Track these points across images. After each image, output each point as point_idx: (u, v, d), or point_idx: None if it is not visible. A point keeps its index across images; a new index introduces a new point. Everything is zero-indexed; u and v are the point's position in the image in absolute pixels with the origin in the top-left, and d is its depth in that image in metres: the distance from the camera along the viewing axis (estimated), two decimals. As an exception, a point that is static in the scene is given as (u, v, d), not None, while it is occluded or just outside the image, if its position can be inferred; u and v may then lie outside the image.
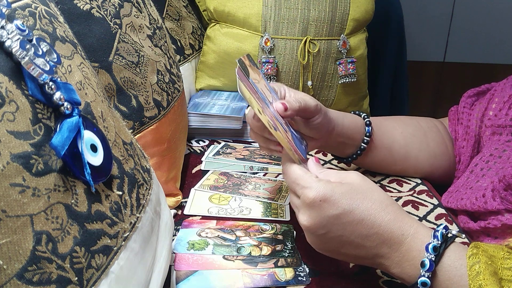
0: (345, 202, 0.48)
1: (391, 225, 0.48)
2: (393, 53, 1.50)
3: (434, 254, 0.46)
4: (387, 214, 0.48)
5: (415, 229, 0.48)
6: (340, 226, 0.49)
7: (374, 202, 0.49)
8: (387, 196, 0.50)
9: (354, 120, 0.73)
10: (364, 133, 0.73)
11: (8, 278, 0.30)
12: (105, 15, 0.61)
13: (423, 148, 0.78)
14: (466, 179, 0.70)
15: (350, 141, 0.73)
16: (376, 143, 0.75)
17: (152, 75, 0.68)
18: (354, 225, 0.48)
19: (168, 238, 0.52)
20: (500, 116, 0.70)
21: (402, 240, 0.48)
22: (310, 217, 0.49)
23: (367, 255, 0.50)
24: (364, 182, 0.51)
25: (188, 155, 0.90)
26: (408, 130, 0.78)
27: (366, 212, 0.48)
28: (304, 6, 1.05)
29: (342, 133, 0.70)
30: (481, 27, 2.10)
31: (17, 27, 0.35)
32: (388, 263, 0.49)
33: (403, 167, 0.80)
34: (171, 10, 1.05)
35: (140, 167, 0.49)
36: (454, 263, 0.47)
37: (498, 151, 0.67)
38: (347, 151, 0.75)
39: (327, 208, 0.48)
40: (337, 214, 0.48)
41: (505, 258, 0.46)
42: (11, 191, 0.31)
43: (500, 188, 0.60)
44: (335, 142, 0.71)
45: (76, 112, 0.37)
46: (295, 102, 0.58)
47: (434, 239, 0.47)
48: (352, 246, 0.50)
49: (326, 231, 0.49)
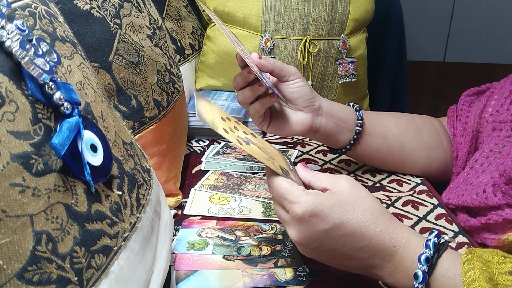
0: (335, 216, 0.47)
1: (382, 237, 0.48)
2: (393, 53, 1.50)
3: (427, 265, 0.46)
4: (377, 226, 0.48)
5: (406, 240, 0.48)
6: (331, 240, 0.48)
7: (365, 214, 0.48)
8: (378, 205, 0.50)
9: (343, 106, 0.76)
10: (356, 118, 0.75)
11: (8, 278, 0.30)
12: (105, 15, 0.61)
13: (417, 140, 0.78)
14: (466, 175, 0.70)
15: (344, 124, 0.74)
16: (369, 130, 0.76)
17: (152, 75, 0.68)
18: (345, 238, 0.48)
19: (168, 238, 0.52)
20: (501, 112, 0.70)
21: (394, 252, 0.48)
22: (300, 232, 0.49)
23: (359, 266, 0.50)
24: (354, 191, 0.50)
25: (188, 155, 0.90)
26: (401, 123, 0.79)
27: (356, 224, 0.47)
28: (304, 6, 1.05)
29: (332, 113, 0.73)
30: (481, 27, 2.10)
31: (17, 27, 0.35)
32: (381, 273, 0.49)
33: (400, 159, 0.79)
34: (171, 10, 1.05)
35: (140, 167, 0.49)
36: (447, 273, 0.46)
37: (498, 147, 0.67)
38: (343, 137, 0.75)
39: (316, 223, 0.47)
40: (327, 228, 0.47)
41: (500, 263, 0.46)
42: (11, 191, 0.31)
43: (501, 183, 0.60)
44: (329, 122, 0.73)
45: (76, 112, 0.37)
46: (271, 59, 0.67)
47: (427, 249, 0.47)
48: (345, 258, 0.49)
49: (318, 245, 0.49)
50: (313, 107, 0.71)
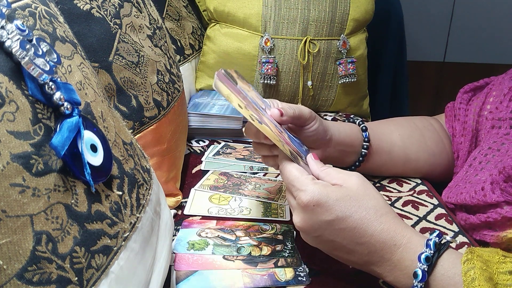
0: (338, 209, 0.48)
1: (384, 235, 0.48)
2: (393, 53, 1.50)
3: (426, 265, 0.46)
4: (380, 224, 0.48)
5: (408, 239, 0.48)
6: (332, 232, 0.49)
7: (369, 211, 0.49)
8: (383, 204, 0.50)
9: (350, 127, 0.73)
10: (362, 139, 0.73)
11: (8, 278, 0.30)
12: (105, 15, 0.61)
13: (421, 148, 0.78)
14: (465, 173, 0.70)
15: (350, 148, 0.73)
16: (375, 148, 0.75)
17: (152, 75, 0.68)
18: (346, 232, 0.48)
19: (168, 238, 0.52)
20: (501, 109, 0.70)
21: (394, 250, 0.48)
22: (303, 219, 0.50)
23: (358, 261, 0.50)
24: (363, 187, 0.50)
25: (188, 155, 0.90)
26: (405, 131, 0.78)
27: (359, 220, 0.48)
28: (304, 6, 1.05)
29: (340, 141, 0.70)
30: (481, 27, 2.10)
31: (17, 27, 0.35)
32: (380, 270, 0.49)
33: (404, 169, 0.80)
34: (171, 10, 1.05)
35: (140, 167, 0.49)
36: (447, 272, 0.46)
37: (497, 144, 0.67)
38: (349, 159, 0.74)
39: (320, 212, 0.49)
40: (330, 220, 0.48)
41: (500, 262, 0.46)
42: (11, 191, 0.31)
43: (500, 180, 0.60)
44: (335, 151, 0.71)
45: (76, 112, 0.37)
46: (289, 108, 0.60)
47: (427, 249, 0.47)
48: (344, 250, 0.50)
49: (318, 235, 0.50)
50: (324, 141, 0.68)
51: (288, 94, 1.10)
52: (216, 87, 0.52)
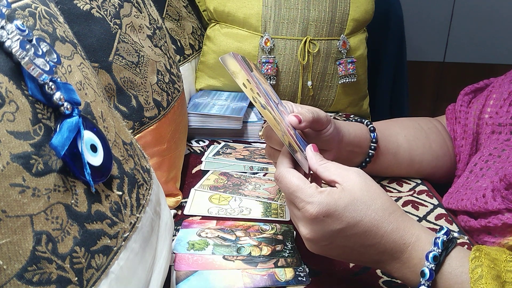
0: (349, 215, 0.47)
1: (393, 235, 0.48)
2: (393, 53, 1.50)
3: (434, 264, 0.46)
4: (389, 224, 0.48)
5: (416, 237, 0.48)
6: (343, 238, 0.48)
7: (377, 212, 0.48)
8: (389, 202, 0.50)
9: (359, 128, 0.72)
10: (370, 139, 0.72)
11: (8, 278, 0.30)
12: (105, 15, 0.61)
13: (426, 150, 0.78)
14: (466, 179, 0.70)
15: (358, 149, 0.72)
16: (382, 150, 0.74)
17: (152, 75, 0.68)
18: (357, 236, 0.48)
19: (168, 238, 0.52)
20: (501, 114, 0.70)
21: (404, 249, 0.48)
22: (313, 231, 0.49)
23: (368, 260, 0.50)
24: (366, 187, 0.49)
25: (188, 155, 0.90)
26: (410, 133, 0.78)
27: (369, 223, 0.48)
28: (304, 6, 1.05)
29: (349, 141, 0.69)
30: (481, 27, 2.10)
31: (17, 27, 0.35)
32: (389, 268, 0.49)
33: (407, 171, 0.80)
34: (171, 10, 1.05)
35: (140, 167, 0.49)
36: (454, 271, 0.46)
37: (497, 151, 0.67)
38: (356, 160, 0.74)
39: (330, 223, 0.47)
40: (341, 228, 0.48)
41: (508, 261, 0.46)
42: (11, 191, 0.31)
43: (501, 188, 0.60)
44: (344, 152, 0.69)
45: (76, 112, 0.37)
46: (307, 112, 0.57)
47: (435, 247, 0.47)
48: (354, 254, 0.50)
49: (329, 243, 0.49)
50: (336, 143, 0.66)
51: (288, 94, 1.10)
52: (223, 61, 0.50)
